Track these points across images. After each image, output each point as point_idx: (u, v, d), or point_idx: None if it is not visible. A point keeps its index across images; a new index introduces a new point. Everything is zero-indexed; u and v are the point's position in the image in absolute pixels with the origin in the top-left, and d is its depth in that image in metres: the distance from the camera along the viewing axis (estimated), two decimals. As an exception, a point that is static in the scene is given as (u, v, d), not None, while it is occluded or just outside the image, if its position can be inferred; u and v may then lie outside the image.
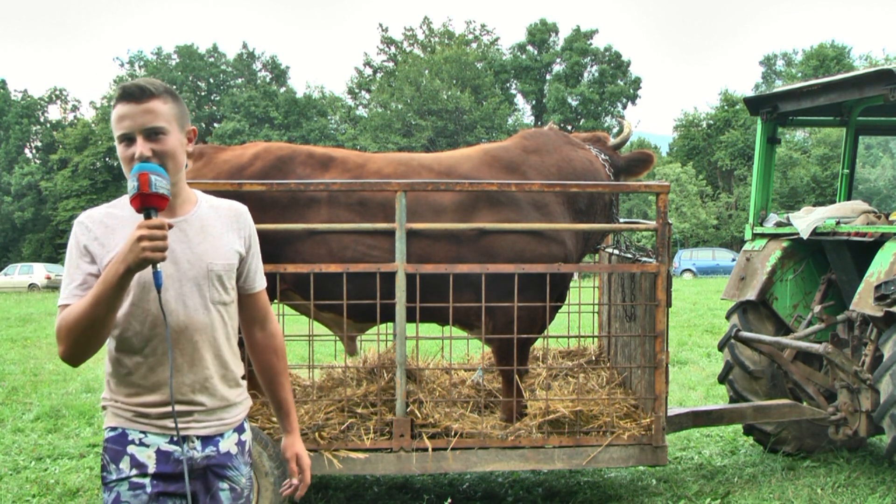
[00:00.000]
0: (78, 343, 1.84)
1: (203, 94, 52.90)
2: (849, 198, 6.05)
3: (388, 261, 3.92)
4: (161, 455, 1.95)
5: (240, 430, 2.11)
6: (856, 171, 6.36)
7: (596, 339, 5.73)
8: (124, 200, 1.98)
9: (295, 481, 2.20)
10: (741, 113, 43.13)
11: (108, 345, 1.99)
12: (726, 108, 46.48)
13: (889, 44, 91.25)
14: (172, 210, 1.97)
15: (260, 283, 2.18)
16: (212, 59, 52.69)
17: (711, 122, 47.60)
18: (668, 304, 4.02)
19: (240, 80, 52.49)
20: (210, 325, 2.00)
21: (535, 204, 4.22)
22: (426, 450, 3.93)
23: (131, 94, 1.91)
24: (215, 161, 4.20)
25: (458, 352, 5.85)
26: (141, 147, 1.88)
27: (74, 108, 53.56)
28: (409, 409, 4.02)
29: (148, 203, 1.80)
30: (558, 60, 52.69)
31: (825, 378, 5.09)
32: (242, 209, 2.15)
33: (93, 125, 48.92)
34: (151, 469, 1.94)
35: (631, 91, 52.44)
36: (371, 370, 4.50)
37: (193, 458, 1.98)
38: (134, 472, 1.93)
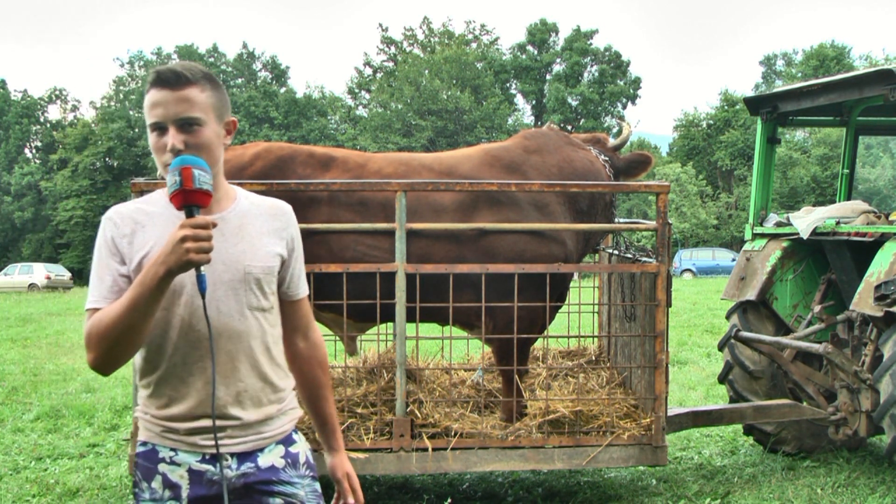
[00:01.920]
0: (111, 351, 1.69)
1: (203, 94, 52.84)
2: (849, 198, 6.05)
3: (389, 261, 3.92)
4: (194, 475, 1.79)
5: (286, 442, 1.92)
6: (856, 171, 6.36)
7: (596, 339, 5.73)
8: (156, 196, 1.86)
9: (350, 501, 2.03)
10: (741, 113, 43.13)
11: (137, 354, 1.83)
12: (726, 108, 46.50)
13: (889, 44, 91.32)
14: (209, 207, 1.77)
15: (303, 290, 2.00)
16: (212, 59, 52.70)
17: (711, 122, 47.62)
18: (668, 304, 4.02)
19: (240, 80, 52.52)
20: (246, 332, 1.82)
21: (535, 204, 4.22)
22: (426, 450, 3.93)
23: (166, 79, 1.75)
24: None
25: (458, 352, 5.86)
26: (173, 138, 1.73)
27: (74, 108, 53.61)
28: (409, 409, 4.02)
29: (190, 200, 1.65)
30: (558, 60, 52.72)
31: (825, 378, 5.09)
32: (286, 208, 1.97)
33: (93, 125, 48.93)
34: (185, 491, 1.78)
35: (631, 91, 52.47)
36: (371, 370, 4.51)
37: (227, 477, 1.80)
38: (168, 493, 1.79)
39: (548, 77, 53.09)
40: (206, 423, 1.78)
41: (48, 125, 52.55)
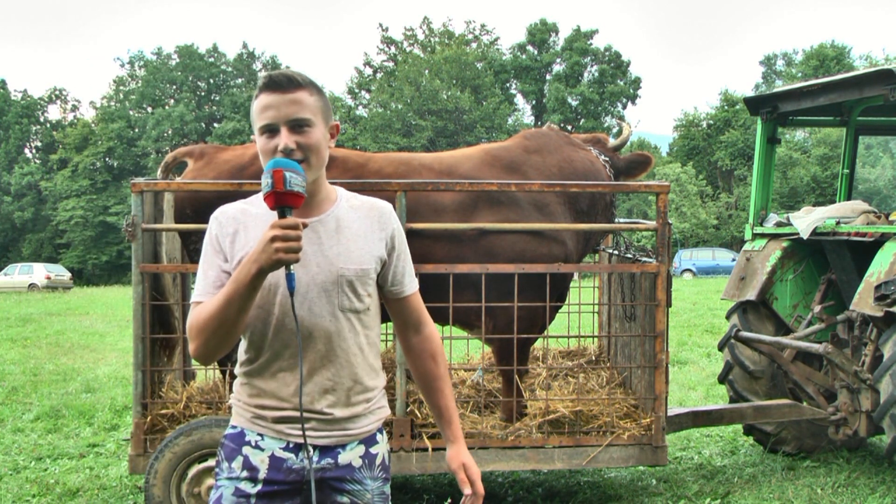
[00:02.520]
0: (209, 342, 1.77)
1: (203, 94, 52.91)
2: (849, 198, 6.05)
3: (389, 261, 3.91)
4: (274, 461, 1.86)
5: (368, 441, 1.96)
6: (856, 171, 6.36)
7: (596, 339, 5.73)
8: (260, 197, 1.88)
9: (468, 492, 2.02)
10: (741, 113, 43.15)
11: (240, 345, 1.92)
12: (726, 108, 46.52)
13: (889, 44, 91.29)
14: (308, 209, 1.85)
15: (410, 286, 2.04)
16: (212, 59, 52.73)
17: (711, 122, 47.63)
18: (668, 304, 4.02)
19: (240, 80, 52.53)
20: (337, 333, 1.87)
21: (535, 204, 4.22)
22: (426, 450, 3.93)
23: (278, 83, 1.81)
24: (216, 161, 4.21)
25: (458, 352, 5.86)
26: (285, 139, 1.78)
27: (74, 108, 53.66)
28: (409, 409, 4.03)
29: (282, 201, 1.70)
30: (558, 60, 52.74)
31: (825, 378, 5.09)
32: (386, 208, 1.99)
33: (93, 125, 48.95)
34: (262, 474, 1.85)
35: (631, 91, 52.49)
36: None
37: (306, 469, 1.85)
38: (245, 473, 1.85)
39: (548, 77, 53.11)
40: (294, 413, 1.84)
41: (48, 125, 52.59)
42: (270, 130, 1.81)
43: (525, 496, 4.55)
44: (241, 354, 1.92)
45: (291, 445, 1.86)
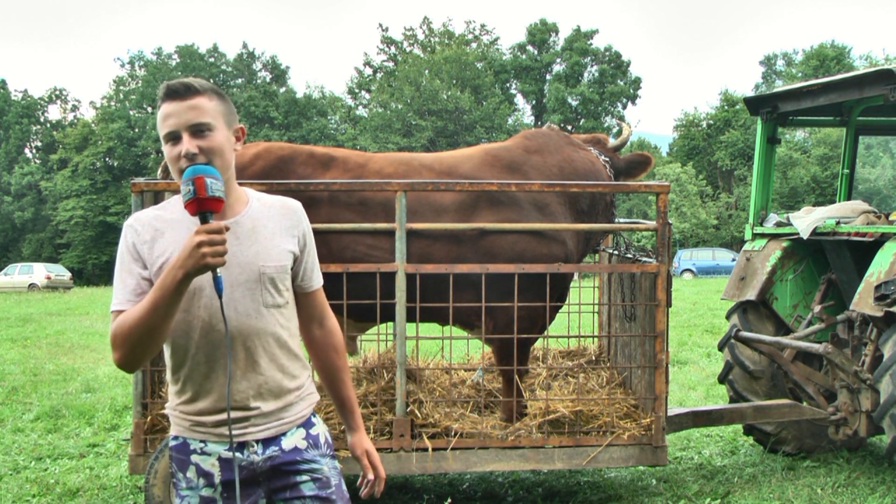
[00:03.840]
0: (134, 350, 1.80)
1: (203, 94, 52.80)
2: (849, 198, 6.05)
3: (389, 261, 3.92)
4: (224, 463, 1.93)
5: (306, 425, 2.05)
6: (856, 171, 6.36)
7: (596, 339, 5.73)
8: (173, 202, 1.95)
9: (371, 476, 2.15)
10: (741, 113, 43.14)
11: (164, 353, 1.96)
12: (726, 108, 46.52)
13: (889, 44, 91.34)
14: (223, 211, 1.90)
15: (317, 281, 2.11)
16: (212, 59, 52.69)
17: (711, 122, 47.63)
18: (668, 304, 4.02)
19: (240, 80, 52.49)
20: (263, 329, 1.94)
21: (536, 204, 4.22)
22: (426, 450, 3.93)
23: (176, 91, 1.87)
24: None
25: (458, 352, 5.86)
26: (187, 144, 1.83)
27: (74, 108, 53.62)
28: (409, 409, 4.03)
29: (204, 207, 1.75)
30: (558, 60, 52.73)
31: (825, 378, 5.09)
32: (296, 206, 2.07)
33: (93, 125, 48.93)
34: (217, 478, 1.92)
35: (631, 91, 52.48)
36: (371, 370, 4.51)
37: (254, 462, 1.95)
38: (202, 481, 1.93)
39: (548, 77, 53.09)
40: (234, 414, 1.90)
41: (48, 125, 52.57)
42: (174, 138, 1.86)
43: (525, 496, 4.55)
44: (169, 360, 1.95)
45: (233, 446, 1.90)
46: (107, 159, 47.34)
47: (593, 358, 5.51)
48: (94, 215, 45.60)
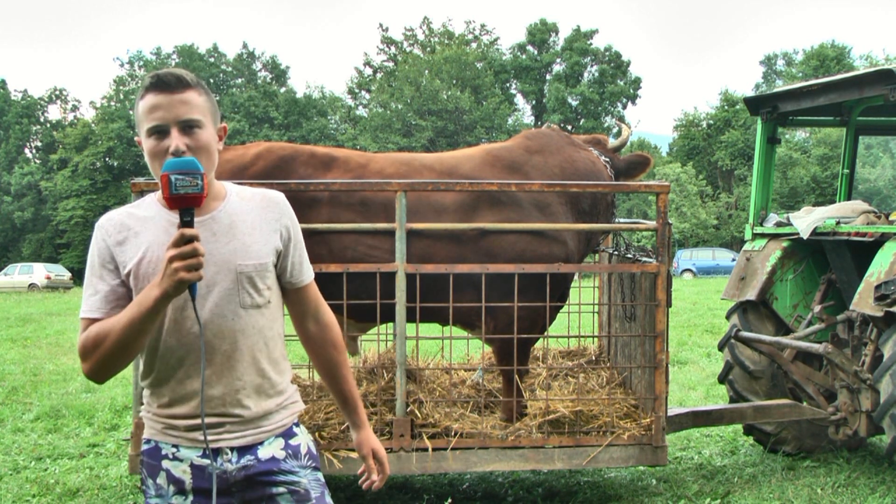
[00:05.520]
0: (105, 363, 1.73)
1: (203, 94, 52.82)
2: (849, 198, 6.05)
3: (389, 261, 3.92)
4: (196, 469, 1.83)
5: (287, 435, 1.95)
6: (856, 171, 6.36)
7: (596, 339, 5.73)
8: (147, 200, 1.88)
9: (375, 476, 2.08)
10: (741, 113, 43.13)
11: (140, 356, 1.88)
12: (726, 108, 46.50)
13: (889, 44, 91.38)
14: (200, 208, 1.78)
15: (308, 275, 2.00)
16: (212, 59, 52.69)
17: (711, 122, 47.62)
18: (668, 304, 4.02)
19: (240, 80, 52.51)
20: (241, 331, 1.83)
21: (537, 204, 4.22)
22: (426, 450, 3.93)
23: (167, 82, 1.75)
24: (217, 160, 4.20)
25: (458, 352, 5.86)
26: (176, 140, 1.74)
27: (74, 108, 53.57)
28: (409, 409, 4.03)
29: (184, 203, 1.66)
30: (558, 60, 52.73)
31: (825, 378, 5.09)
32: (278, 197, 1.97)
33: (93, 125, 48.90)
34: (189, 485, 1.83)
35: (631, 91, 52.48)
36: (371, 370, 4.51)
37: (228, 470, 1.84)
38: (172, 489, 1.84)
39: (548, 77, 53.09)
40: (209, 419, 1.81)
41: (48, 125, 52.54)
42: (160, 132, 1.76)
43: (525, 496, 4.55)
44: (142, 366, 1.87)
45: (207, 452, 1.82)
46: (107, 159, 47.31)
47: (593, 358, 5.52)
48: (94, 215, 45.53)
